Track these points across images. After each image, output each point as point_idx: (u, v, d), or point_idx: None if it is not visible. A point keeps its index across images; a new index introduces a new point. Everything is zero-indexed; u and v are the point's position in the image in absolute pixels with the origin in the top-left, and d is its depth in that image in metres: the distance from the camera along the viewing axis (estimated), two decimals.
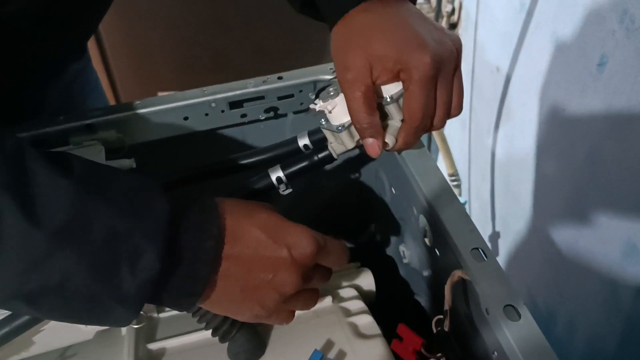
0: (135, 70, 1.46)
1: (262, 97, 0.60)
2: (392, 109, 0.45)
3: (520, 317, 0.38)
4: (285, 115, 0.63)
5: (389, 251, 0.66)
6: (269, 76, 0.61)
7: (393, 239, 0.63)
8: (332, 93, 0.46)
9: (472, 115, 1.28)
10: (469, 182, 1.36)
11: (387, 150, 0.46)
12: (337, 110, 0.45)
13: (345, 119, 0.45)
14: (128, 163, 0.55)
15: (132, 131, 0.58)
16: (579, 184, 0.87)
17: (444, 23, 1.32)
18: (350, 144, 0.47)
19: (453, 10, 1.30)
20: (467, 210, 1.36)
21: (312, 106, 0.46)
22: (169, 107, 0.58)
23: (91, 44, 1.34)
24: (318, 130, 0.52)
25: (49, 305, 0.34)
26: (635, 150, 0.73)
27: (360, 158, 0.68)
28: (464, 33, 1.26)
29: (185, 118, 0.59)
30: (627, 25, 0.71)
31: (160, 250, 0.34)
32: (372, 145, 0.45)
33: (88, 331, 0.44)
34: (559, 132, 0.92)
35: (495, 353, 0.39)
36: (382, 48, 0.42)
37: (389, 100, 0.44)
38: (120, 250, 0.33)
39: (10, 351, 0.43)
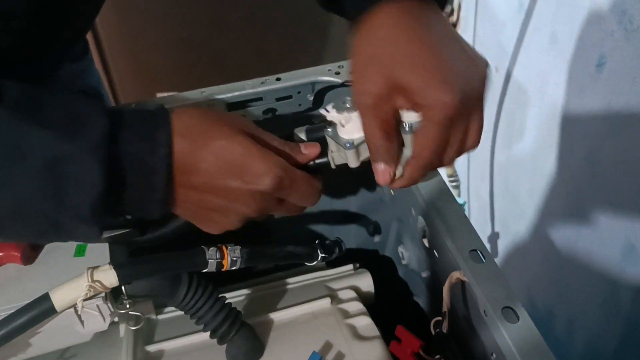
0: (133, 71, 1.46)
1: (260, 99, 0.60)
2: (407, 138, 0.41)
3: (518, 319, 0.38)
4: (284, 116, 0.63)
5: (388, 252, 0.66)
6: (267, 77, 0.61)
7: (392, 240, 0.63)
8: (348, 105, 0.43)
9: None
10: (468, 183, 1.36)
11: (391, 187, 0.43)
12: (350, 126, 0.42)
13: (357, 135, 0.42)
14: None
15: None
16: (578, 184, 0.87)
17: None
18: (354, 163, 0.44)
19: (452, 10, 1.30)
20: (467, 211, 1.36)
21: (323, 112, 0.43)
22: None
23: (90, 45, 1.34)
24: (318, 130, 0.49)
25: (12, 228, 0.35)
26: (634, 150, 0.73)
27: None
28: (463, 33, 1.26)
29: None
30: (625, 25, 0.71)
31: (102, 168, 0.34)
32: (383, 172, 0.41)
33: (86, 333, 0.44)
34: (558, 132, 0.92)
35: (494, 355, 0.39)
36: (405, 76, 0.38)
37: (407, 129, 0.41)
38: (63, 173, 0.34)
39: (8, 354, 0.43)
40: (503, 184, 1.16)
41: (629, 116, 0.73)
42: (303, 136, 0.48)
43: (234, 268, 0.45)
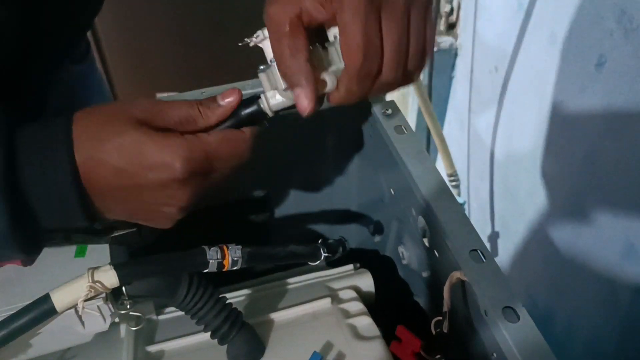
0: (133, 72, 1.46)
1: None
2: (333, 53, 0.37)
3: (519, 319, 0.38)
4: (283, 116, 0.63)
5: (388, 252, 0.66)
6: None
7: (392, 240, 0.63)
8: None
9: (471, 115, 1.28)
10: (468, 182, 1.36)
11: (330, 102, 0.39)
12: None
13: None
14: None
15: None
16: (577, 184, 0.87)
17: (442, 23, 1.32)
18: (282, 84, 0.38)
19: (451, 10, 1.30)
20: (466, 211, 1.36)
21: (247, 39, 0.39)
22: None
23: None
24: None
25: None
26: (633, 150, 0.73)
27: (359, 158, 0.67)
28: (463, 33, 1.26)
29: None
30: (625, 25, 0.71)
31: (3, 201, 0.33)
32: (299, 97, 0.37)
33: (87, 334, 0.44)
34: (557, 132, 0.92)
35: (495, 354, 0.39)
36: None
37: (332, 40, 0.36)
38: None
39: (8, 354, 0.43)
40: (503, 183, 1.16)
41: (628, 115, 0.73)
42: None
43: (235, 268, 0.45)
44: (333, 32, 0.37)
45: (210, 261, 0.43)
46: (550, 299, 1.00)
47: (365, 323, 0.51)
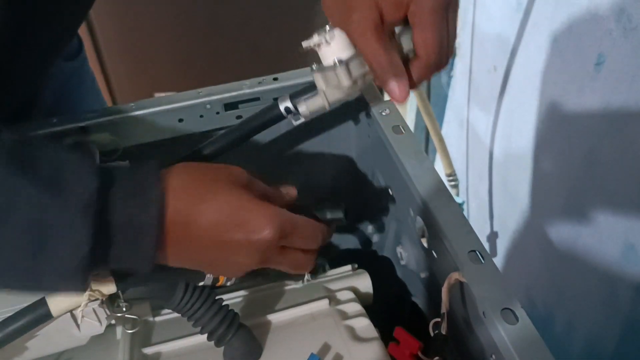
0: (131, 71, 1.46)
1: (257, 99, 0.60)
2: (405, 41, 0.42)
3: (517, 320, 0.38)
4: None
5: (386, 253, 0.65)
6: (264, 77, 0.60)
7: (390, 240, 0.63)
8: (328, 28, 0.42)
9: (470, 115, 1.27)
10: (466, 182, 1.36)
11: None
12: (336, 43, 0.42)
13: (345, 53, 0.42)
14: (124, 165, 0.55)
15: (126, 133, 0.58)
16: (577, 183, 0.86)
17: None
18: (347, 81, 0.43)
19: None
20: (465, 210, 1.36)
21: (305, 43, 0.43)
22: (164, 109, 0.58)
23: (87, 45, 1.33)
24: (300, 93, 0.48)
25: None
26: (633, 149, 0.73)
27: (357, 159, 0.67)
28: (461, 32, 1.26)
29: (180, 120, 0.59)
30: (624, 24, 0.70)
31: (90, 227, 0.33)
32: (399, 88, 0.42)
33: (82, 337, 0.44)
34: (556, 131, 0.91)
35: (493, 356, 0.39)
36: None
37: (398, 32, 0.42)
38: (49, 232, 0.33)
39: (2, 357, 0.42)
40: (502, 183, 1.16)
41: (627, 115, 0.73)
42: (287, 103, 0.48)
43: (229, 283, 0.45)
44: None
45: (207, 275, 0.43)
46: (550, 298, 1.00)
47: (363, 324, 0.50)
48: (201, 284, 0.44)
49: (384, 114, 0.55)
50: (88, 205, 0.33)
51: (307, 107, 0.46)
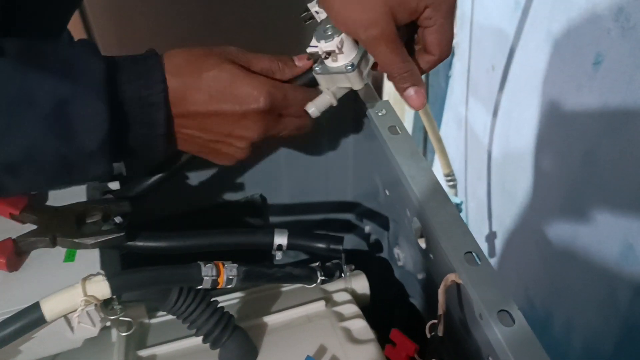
0: None
1: None
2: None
3: (514, 322, 0.37)
4: None
5: (383, 254, 0.65)
6: None
7: (387, 241, 0.63)
8: (329, 32, 0.43)
9: (468, 115, 1.27)
10: (465, 182, 1.36)
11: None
12: (346, 48, 0.43)
13: (353, 55, 0.43)
14: (117, 167, 0.54)
15: None
16: (575, 183, 0.86)
17: None
18: (359, 84, 0.44)
19: None
20: (464, 210, 1.36)
21: (311, 50, 0.43)
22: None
23: None
24: (299, 234, 0.50)
25: (27, 173, 0.38)
26: (631, 149, 0.72)
27: (353, 159, 0.67)
28: (460, 32, 1.26)
29: None
30: (622, 23, 0.70)
31: (106, 106, 0.37)
32: (416, 96, 0.44)
33: (76, 339, 0.43)
34: (555, 131, 0.91)
35: (490, 358, 0.39)
36: None
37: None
38: (71, 114, 0.36)
39: None
40: (500, 183, 1.15)
41: (626, 114, 0.72)
42: (283, 240, 0.50)
43: (229, 287, 0.44)
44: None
45: (205, 278, 0.43)
46: (548, 299, 1.00)
47: (360, 326, 0.50)
48: (199, 287, 0.44)
49: (380, 114, 0.54)
50: (101, 89, 0.37)
51: (316, 107, 0.46)
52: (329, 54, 0.43)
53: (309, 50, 0.44)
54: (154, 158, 0.45)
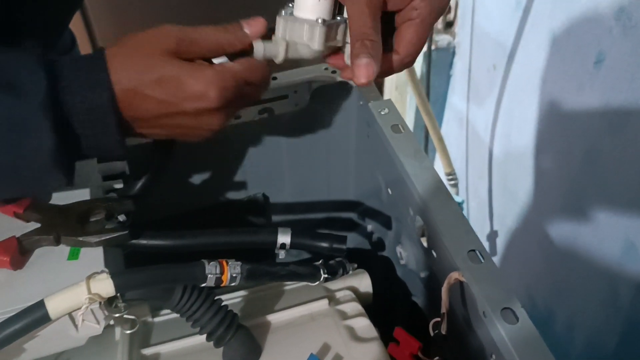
0: None
1: None
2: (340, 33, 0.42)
3: (518, 320, 0.37)
4: (280, 115, 0.63)
5: (386, 252, 0.65)
6: None
7: (390, 240, 0.63)
8: None
9: (469, 114, 1.27)
10: (466, 181, 1.36)
11: (369, 78, 0.42)
12: (323, 4, 0.40)
13: (326, 15, 0.40)
14: (120, 166, 0.54)
15: None
16: (577, 181, 0.86)
17: (440, 21, 1.32)
18: (318, 45, 0.41)
19: (449, 8, 1.30)
20: (465, 209, 1.36)
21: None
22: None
23: (83, 43, 1.33)
24: (302, 233, 0.49)
25: None
26: (633, 147, 0.72)
27: (355, 158, 0.67)
28: (460, 31, 1.26)
29: None
30: (624, 22, 0.70)
31: (49, 122, 0.35)
32: (366, 68, 0.40)
33: (80, 338, 0.43)
34: (556, 129, 0.91)
35: (493, 356, 0.39)
36: None
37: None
38: (17, 129, 0.35)
39: (2, 359, 0.42)
40: (502, 182, 1.16)
41: (627, 113, 0.73)
42: (287, 239, 0.48)
43: (233, 284, 0.44)
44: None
45: (209, 276, 0.43)
46: (550, 298, 1.00)
47: (363, 324, 0.50)
48: (203, 285, 0.44)
49: (383, 113, 0.55)
50: (44, 104, 0.35)
51: (264, 48, 0.42)
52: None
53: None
54: (116, 158, 0.44)
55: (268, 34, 0.43)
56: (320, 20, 0.40)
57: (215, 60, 0.41)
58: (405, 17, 0.43)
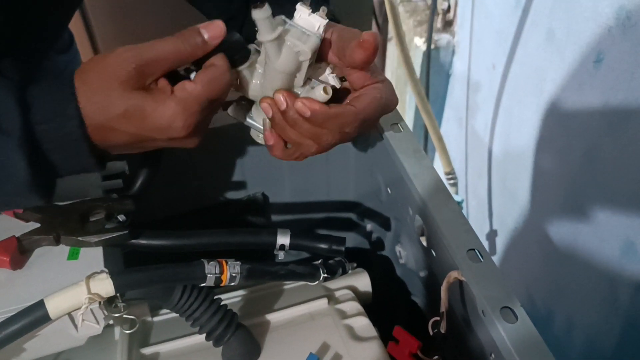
0: None
1: None
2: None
3: (517, 319, 0.37)
4: None
5: (386, 252, 0.65)
6: None
7: (389, 239, 0.63)
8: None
9: (469, 113, 1.27)
10: (466, 181, 1.36)
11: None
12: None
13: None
14: (120, 165, 0.54)
15: None
16: (576, 181, 0.86)
17: (439, 20, 1.32)
18: (309, 50, 0.40)
19: (449, 7, 1.30)
20: (465, 209, 1.36)
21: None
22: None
23: (84, 42, 1.33)
24: (301, 234, 0.50)
25: None
26: (632, 147, 0.72)
27: (355, 157, 0.67)
28: (460, 30, 1.26)
29: None
30: (623, 21, 0.70)
31: (22, 155, 0.36)
32: (277, 142, 0.44)
33: (80, 337, 0.43)
34: (556, 129, 0.91)
35: (492, 355, 0.39)
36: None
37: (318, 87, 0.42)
38: None
39: (1, 358, 0.42)
40: (501, 181, 1.16)
41: (627, 112, 0.73)
42: (285, 240, 0.49)
43: (232, 284, 0.44)
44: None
45: (208, 275, 0.43)
46: (550, 296, 1.00)
47: (362, 323, 0.50)
48: (203, 285, 0.44)
49: None
50: (20, 138, 0.36)
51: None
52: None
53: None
54: (95, 173, 0.45)
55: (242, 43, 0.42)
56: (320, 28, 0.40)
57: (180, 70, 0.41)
58: (364, 90, 0.44)
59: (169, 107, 0.38)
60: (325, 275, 0.51)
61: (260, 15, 0.38)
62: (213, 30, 0.39)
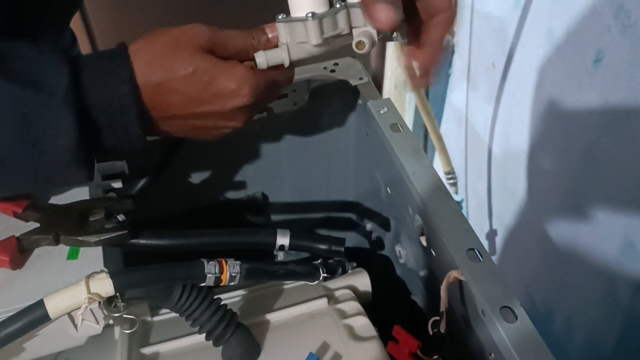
0: None
1: None
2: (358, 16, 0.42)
3: (516, 319, 0.37)
4: (279, 115, 0.63)
5: (385, 251, 0.65)
6: None
7: (389, 239, 0.63)
8: None
9: (468, 113, 1.27)
10: (465, 180, 1.36)
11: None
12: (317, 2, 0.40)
13: (320, 7, 0.40)
14: (120, 165, 0.55)
15: None
16: (576, 180, 0.86)
17: None
18: (316, 39, 0.40)
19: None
20: (464, 208, 1.36)
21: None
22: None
23: (84, 42, 1.33)
24: (301, 235, 0.49)
25: (2, 179, 0.37)
26: (632, 146, 0.72)
27: (355, 157, 0.67)
28: (459, 30, 1.26)
29: None
30: (622, 20, 0.70)
31: (72, 113, 0.35)
32: (387, 11, 0.39)
33: (80, 337, 0.43)
34: (555, 128, 0.91)
35: (492, 354, 0.39)
36: None
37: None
38: (38, 124, 0.35)
39: (1, 359, 0.42)
40: (501, 181, 1.16)
41: (626, 112, 0.73)
42: (285, 240, 0.49)
43: (232, 284, 0.45)
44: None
45: (208, 275, 0.43)
46: (549, 296, 1.00)
47: (362, 323, 0.50)
48: (202, 284, 0.44)
49: (382, 112, 0.55)
50: (66, 94, 0.35)
51: (267, 58, 0.42)
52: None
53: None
54: (134, 152, 0.43)
55: None
56: (309, 15, 0.40)
57: None
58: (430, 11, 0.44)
59: (239, 71, 0.39)
60: (325, 275, 0.51)
61: None
62: (275, 30, 0.42)
